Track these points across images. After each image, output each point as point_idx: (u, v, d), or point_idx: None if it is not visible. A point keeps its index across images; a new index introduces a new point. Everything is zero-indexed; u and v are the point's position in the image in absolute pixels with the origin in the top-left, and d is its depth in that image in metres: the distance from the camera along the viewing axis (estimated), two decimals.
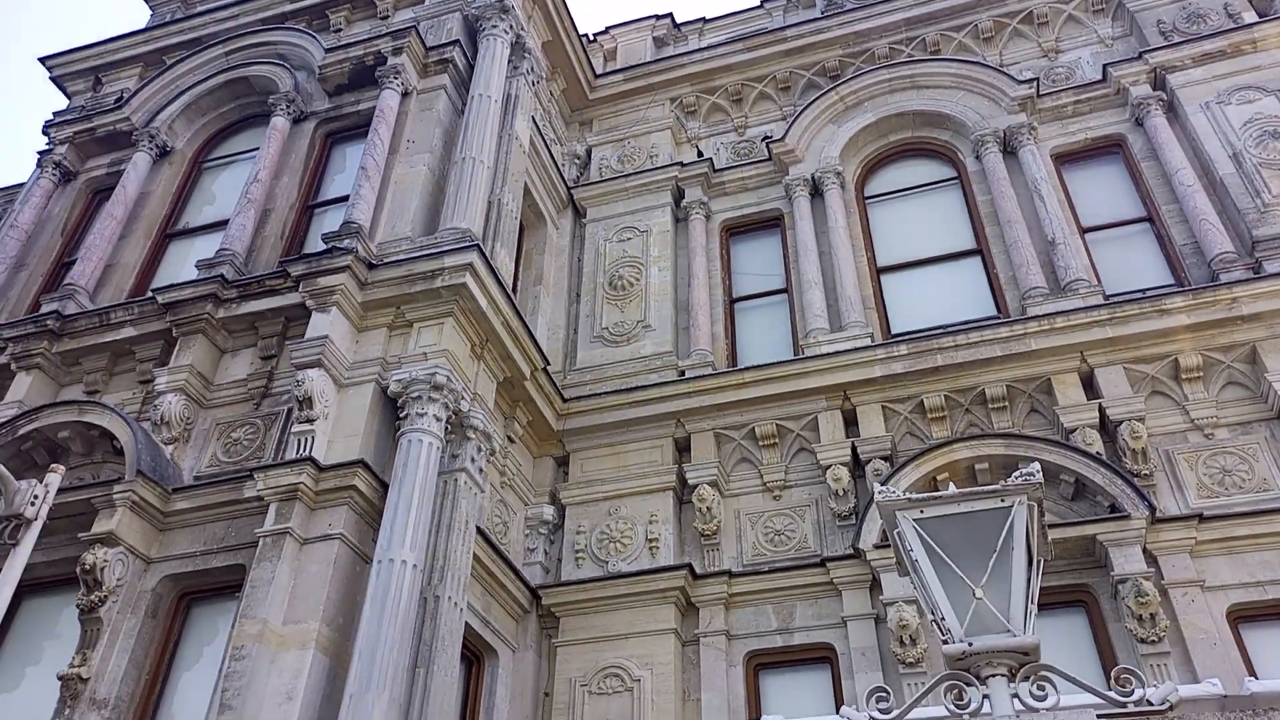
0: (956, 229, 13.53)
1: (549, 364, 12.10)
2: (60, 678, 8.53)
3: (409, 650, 8.49)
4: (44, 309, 11.48)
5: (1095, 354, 10.99)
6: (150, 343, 10.88)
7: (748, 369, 12.17)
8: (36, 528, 6.37)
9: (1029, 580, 4.06)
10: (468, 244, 10.44)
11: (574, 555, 11.56)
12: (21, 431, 9.76)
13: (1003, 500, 4.18)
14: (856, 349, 11.79)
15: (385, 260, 10.59)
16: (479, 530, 10.09)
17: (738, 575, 10.88)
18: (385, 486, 9.27)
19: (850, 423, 11.57)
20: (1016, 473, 4.28)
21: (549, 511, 11.88)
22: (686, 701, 10.22)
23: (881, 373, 11.55)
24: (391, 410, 9.88)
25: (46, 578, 9.29)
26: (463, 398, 10.04)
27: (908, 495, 4.10)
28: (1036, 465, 4.36)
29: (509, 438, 11.65)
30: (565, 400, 12.42)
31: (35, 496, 6.32)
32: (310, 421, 9.38)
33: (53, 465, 6.96)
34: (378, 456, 9.54)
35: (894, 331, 12.54)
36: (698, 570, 10.95)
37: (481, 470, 10.32)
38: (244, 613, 8.41)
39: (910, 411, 11.43)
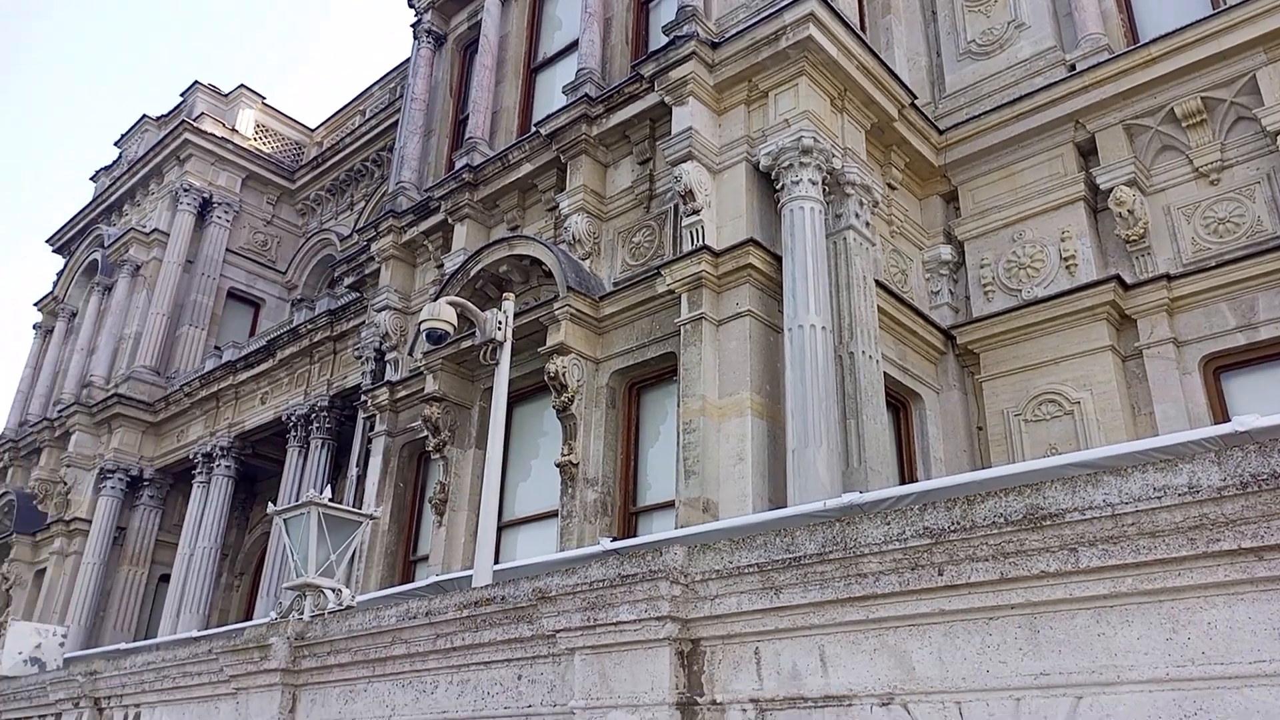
0: None
1: (915, 98, 11.31)
2: (558, 465, 10.33)
3: (836, 405, 8.97)
4: (457, 165, 13.10)
5: None
6: (546, 173, 12.01)
7: (1154, 41, 10.35)
8: (507, 347, 7.61)
9: None
10: None
11: (982, 290, 11.14)
12: (473, 273, 11.47)
13: None
14: None
15: (726, 36, 10.43)
16: (878, 283, 10.10)
17: (1178, 277, 9.78)
18: (778, 259, 9.57)
19: None
20: None
21: (946, 251, 11.48)
22: (1137, 416, 9.67)
23: None
24: (767, 184, 10.02)
25: (524, 389, 11.12)
26: (833, 155, 9.84)
27: None
28: None
29: (889, 185, 11.28)
30: (941, 132, 11.62)
31: (499, 322, 7.51)
32: (696, 213, 9.86)
33: (505, 294, 8.15)
34: (765, 232, 9.82)
35: None
36: (1127, 280, 10.01)
37: (868, 224, 10.19)
38: (684, 392, 9.42)
39: None
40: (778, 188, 9.79)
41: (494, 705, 4.88)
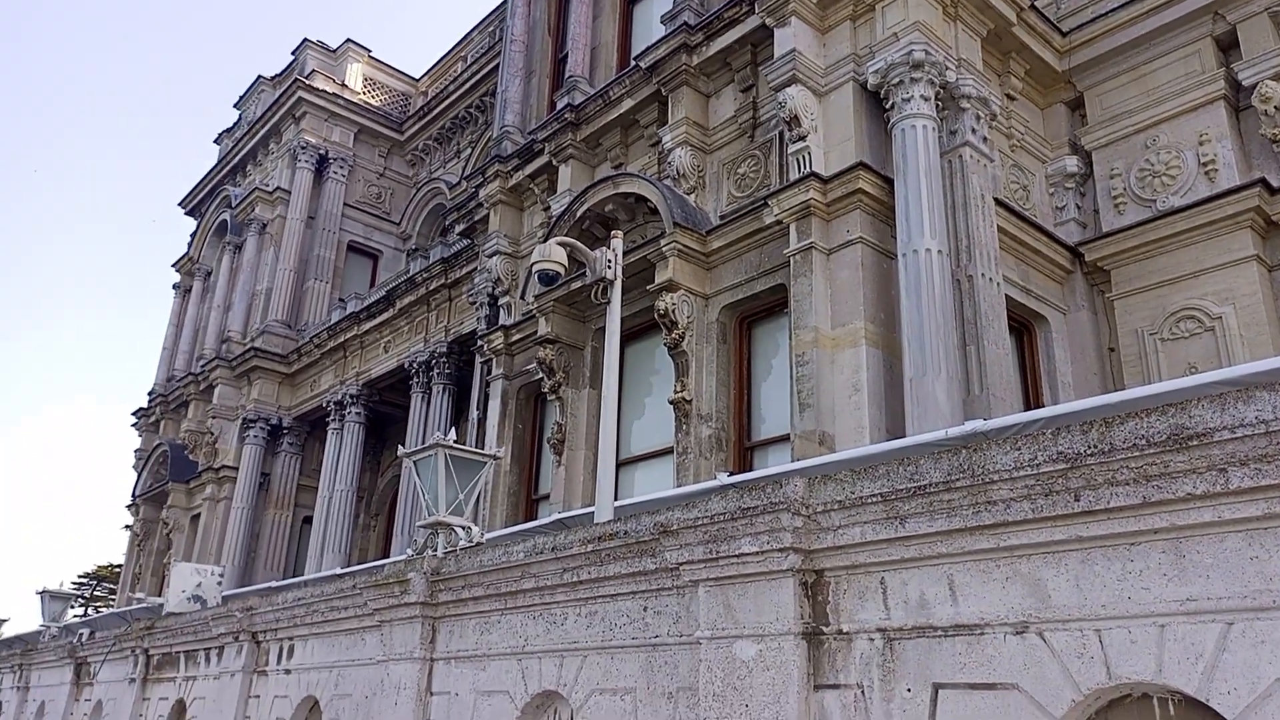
0: None
1: None
2: (671, 402, 10.39)
3: (954, 331, 8.69)
4: (559, 106, 13.08)
5: None
6: (647, 107, 11.87)
7: None
8: (618, 285, 7.63)
9: None
10: None
11: (1111, 202, 10.51)
12: (579, 214, 11.51)
13: None
14: None
15: None
16: (997, 201, 9.65)
17: None
18: (890, 182, 9.24)
19: None
20: None
21: (1071, 163, 10.85)
22: None
23: None
24: (876, 104, 9.63)
25: (635, 327, 11.18)
26: (946, 68, 9.37)
27: None
28: None
29: (1008, 96, 10.68)
30: (1065, 34, 10.89)
31: (609, 261, 7.52)
32: (802, 139, 9.59)
33: (613, 232, 8.15)
34: (874, 155, 9.48)
35: None
36: (1274, 184, 9.26)
37: (985, 139, 9.71)
38: (796, 324, 9.28)
39: None
40: (887, 107, 9.41)
41: (621, 636, 5.02)
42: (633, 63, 11.91)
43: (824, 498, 3.95)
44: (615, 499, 8.55)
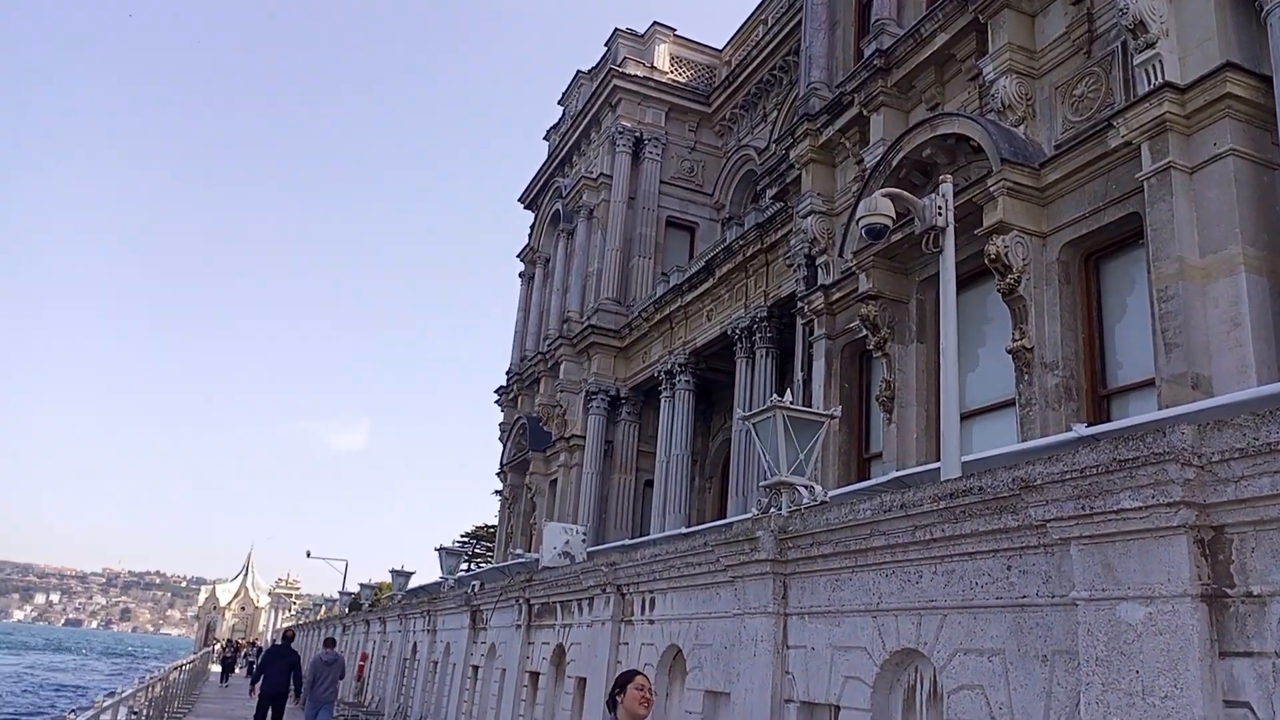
0: None
1: None
2: (1009, 351, 9.78)
3: None
4: (866, 53, 12.69)
5: None
6: (963, 40, 11.16)
7: None
8: (950, 232, 7.30)
9: None
10: None
11: None
12: (894, 163, 11.12)
13: None
14: None
15: None
16: None
17: None
18: (1267, 81, 7.97)
19: None
20: None
21: None
22: None
23: None
24: None
25: (961, 275, 10.46)
26: None
27: None
28: None
29: None
30: None
31: (939, 207, 7.21)
32: (1150, 45, 8.54)
33: (941, 176, 7.80)
34: (1244, 52, 8.22)
35: None
36: None
37: None
38: (1154, 256, 8.34)
39: None
40: None
41: (983, 595, 4.87)
42: None
43: (1219, 446, 3.55)
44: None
